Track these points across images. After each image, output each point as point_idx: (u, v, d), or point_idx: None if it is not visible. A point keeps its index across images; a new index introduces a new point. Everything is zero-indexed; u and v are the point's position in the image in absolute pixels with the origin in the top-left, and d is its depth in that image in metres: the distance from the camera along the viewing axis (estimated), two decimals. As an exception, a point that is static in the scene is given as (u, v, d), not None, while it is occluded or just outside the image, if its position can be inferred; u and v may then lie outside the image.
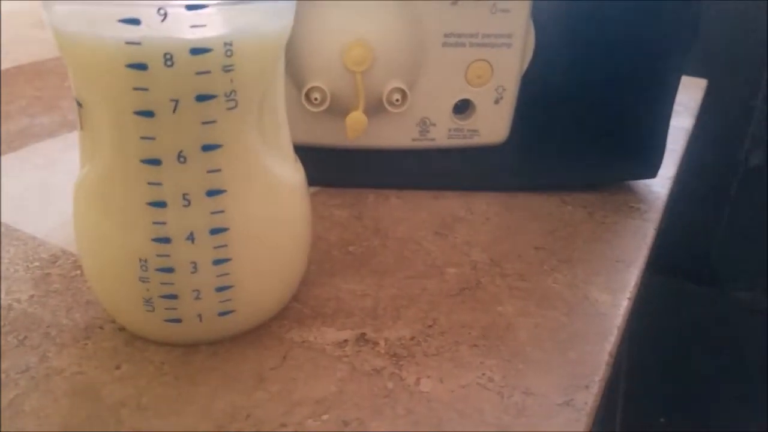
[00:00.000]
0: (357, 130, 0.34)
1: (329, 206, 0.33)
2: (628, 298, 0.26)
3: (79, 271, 0.26)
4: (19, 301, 0.24)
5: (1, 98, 0.47)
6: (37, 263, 0.27)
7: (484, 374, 0.22)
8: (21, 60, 0.56)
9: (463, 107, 0.36)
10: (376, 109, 0.34)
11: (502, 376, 0.22)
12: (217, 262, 0.20)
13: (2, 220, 0.30)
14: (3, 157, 0.37)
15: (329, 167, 0.35)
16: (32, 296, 0.25)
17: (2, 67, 0.54)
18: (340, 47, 0.32)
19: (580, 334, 0.24)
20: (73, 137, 0.40)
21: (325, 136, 0.35)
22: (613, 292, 0.26)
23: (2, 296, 0.25)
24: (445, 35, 0.34)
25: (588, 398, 0.21)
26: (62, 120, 0.43)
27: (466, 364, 0.22)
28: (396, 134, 0.36)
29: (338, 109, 0.34)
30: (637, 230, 0.32)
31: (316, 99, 0.33)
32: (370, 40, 0.32)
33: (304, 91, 0.33)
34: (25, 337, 0.23)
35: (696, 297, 1.03)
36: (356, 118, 0.33)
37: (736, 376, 0.91)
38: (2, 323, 0.23)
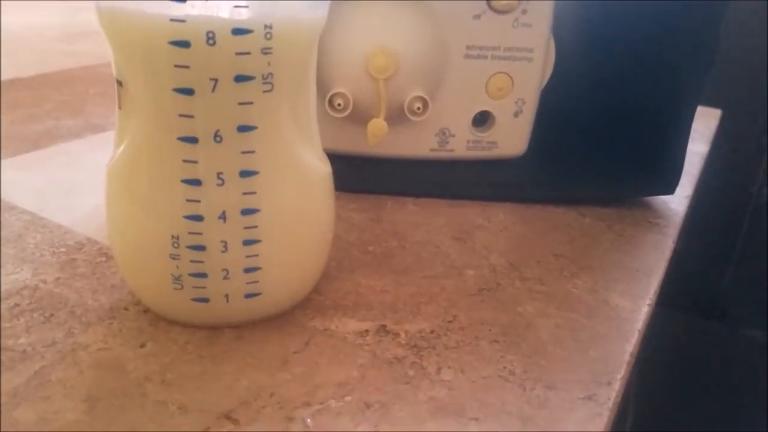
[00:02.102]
0: (377, 136, 0.34)
1: (348, 210, 0.33)
2: (648, 305, 0.26)
3: (104, 258, 0.27)
4: (45, 282, 0.25)
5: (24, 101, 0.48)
6: (63, 249, 0.27)
7: (505, 368, 0.22)
8: (48, 69, 0.58)
9: (482, 119, 0.37)
10: (397, 117, 0.35)
11: (523, 370, 0.22)
12: (247, 242, 0.20)
13: (29, 210, 0.31)
14: (30, 154, 0.38)
15: (349, 173, 0.35)
16: (58, 278, 0.25)
17: (29, 74, 0.56)
18: (365, 54, 0.33)
19: (600, 336, 0.24)
20: (98, 139, 0.41)
21: (346, 142, 0.36)
22: (633, 299, 0.27)
23: (29, 277, 0.25)
24: (468, 47, 0.35)
25: (610, 394, 0.21)
26: (86, 123, 0.44)
27: (487, 358, 0.22)
28: (415, 143, 0.37)
29: (360, 116, 0.35)
30: (656, 243, 0.32)
31: (339, 105, 0.34)
32: (394, 49, 0.33)
33: (328, 96, 0.34)
34: (51, 315, 0.23)
35: (705, 333, 1.02)
36: (377, 124, 0.34)
37: (746, 413, 0.89)
38: (28, 302, 0.24)
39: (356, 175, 0.36)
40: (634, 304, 0.26)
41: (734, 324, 1.00)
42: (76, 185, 0.34)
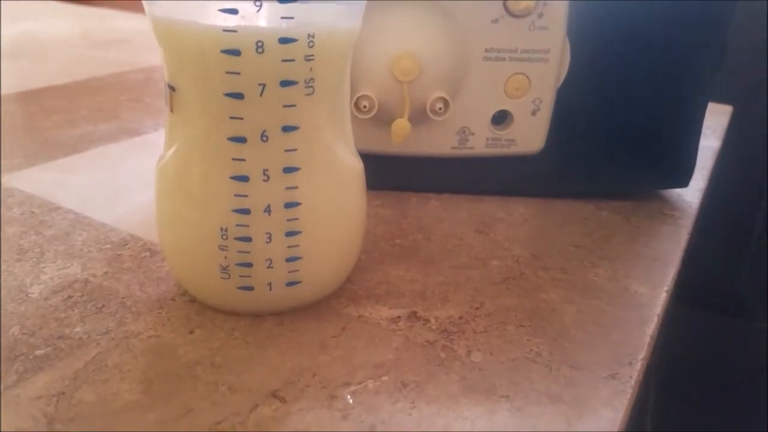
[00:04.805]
0: (401, 136, 0.36)
1: (374, 206, 0.35)
2: (666, 291, 0.27)
3: (148, 253, 0.28)
4: (94, 276, 0.27)
5: (61, 108, 0.50)
6: (108, 245, 0.29)
7: (531, 350, 0.23)
8: (79, 77, 0.60)
9: (501, 118, 0.38)
10: (419, 117, 0.36)
11: (549, 352, 0.23)
12: (289, 233, 0.22)
13: (74, 210, 0.32)
14: (70, 158, 0.40)
15: (374, 171, 0.37)
16: (106, 272, 0.27)
17: (62, 82, 0.58)
18: (390, 59, 0.35)
19: (621, 320, 0.25)
20: (133, 142, 0.43)
21: (372, 142, 0.37)
22: (652, 286, 0.28)
23: (78, 271, 0.27)
24: (486, 50, 0.36)
25: (632, 373, 0.22)
26: (121, 128, 0.46)
27: (514, 341, 0.23)
28: (436, 142, 0.38)
29: (384, 117, 0.36)
30: (671, 234, 0.33)
31: (364, 107, 0.35)
32: (418, 53, 0.35)
33: (354, 99, 0.35)
34: (103, 306, 0.24)
35: (722, 328, 1.02)
36: (401, 124, 0.35)
37: (763, 407, 0.89)
38: (80, 294, 0.25)
39: (381, 173, 0.37)
40: (653, 291, 0.27)
41: (751, 319, 1.00)
42: (117, 186, 0.36)
